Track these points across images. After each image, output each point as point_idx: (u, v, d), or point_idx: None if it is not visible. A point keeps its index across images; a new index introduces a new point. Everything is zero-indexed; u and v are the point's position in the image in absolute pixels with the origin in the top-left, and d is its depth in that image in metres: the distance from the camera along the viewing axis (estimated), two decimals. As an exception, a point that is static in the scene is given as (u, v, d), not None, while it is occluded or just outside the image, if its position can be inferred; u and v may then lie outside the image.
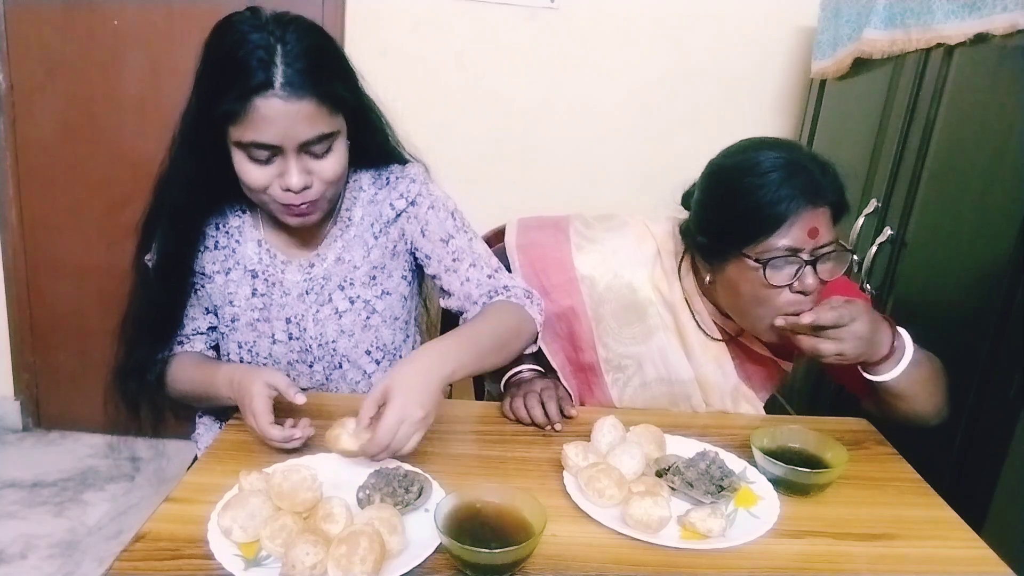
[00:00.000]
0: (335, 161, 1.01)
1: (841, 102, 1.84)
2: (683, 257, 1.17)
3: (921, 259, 1.39)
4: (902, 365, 0.99)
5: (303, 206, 1.02)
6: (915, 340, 1.02)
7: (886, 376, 1.00)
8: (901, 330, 1.02)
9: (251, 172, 0.98)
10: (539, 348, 1.18)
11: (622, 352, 1.18)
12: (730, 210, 1.04)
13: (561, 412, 1.08)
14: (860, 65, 1.67)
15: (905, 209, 1.43)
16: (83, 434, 2.47)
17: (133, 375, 1.11)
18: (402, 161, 1.19)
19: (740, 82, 2.13)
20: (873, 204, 1.54)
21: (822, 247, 1.00)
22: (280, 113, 0.93)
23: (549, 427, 1.06)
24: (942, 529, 0.88)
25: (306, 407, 0.96)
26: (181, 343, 1.15)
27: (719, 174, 1.08)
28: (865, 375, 1.02)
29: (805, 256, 0.99)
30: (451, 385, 1.45)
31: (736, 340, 1.18)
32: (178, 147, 1.04)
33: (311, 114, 0.95)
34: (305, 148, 0.97)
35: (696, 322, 1.17)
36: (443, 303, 1.21)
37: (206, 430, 1.25)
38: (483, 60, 2.14)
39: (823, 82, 1.93)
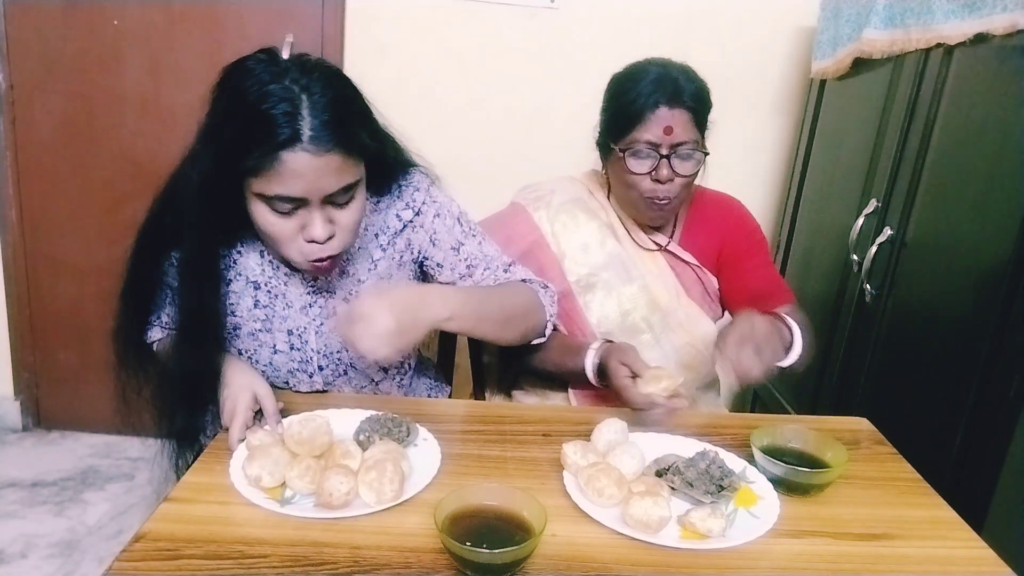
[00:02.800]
0: (356, 209, 1.00)
1: (841, 102, 1.84)
2: (609, 186, 1.36)
3: (921, 259, 1.39)
4: (795, 351, 1.10)
5: (326, 261, 1.00)
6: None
7: (791, 359, 1.11)
8: (787, 318, 1.12)
9: (274, 225, 0.96)
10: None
11: (589, 271, 1.33)
12: (610, 109, 1.28)
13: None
14: (860, 65, 1.67)
15: (905, 209, 1.43)
16: (83, 434, 2.46)
17: (188, 434, 1.12)
18: (408, 166, 1.16)
19: (740, 82, 2.13)
20: (873, 204, 1.54)
21: (679, 144, 1.19)
22: (308, 167, 0.90)
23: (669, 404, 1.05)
24: (942, 529, 0.88)
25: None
26: None
27: (612, 80, 1.30)
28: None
29: (663, 151, 1.20)
30: (450, 385, 1.46)
31: (667, 251, 1.34)
32: (190, 199, 0.99)
33: (338, 167, 0.93)
34: (329, 199, 0.95)
35: (630, 236, 1.34)
36: None
37: (215, 418, 1.25)
38: (483, 60, 2.14)
39: (823, 82, 1.93)
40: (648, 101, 1.19)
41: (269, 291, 1.12)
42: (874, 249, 1.48)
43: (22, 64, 2.15)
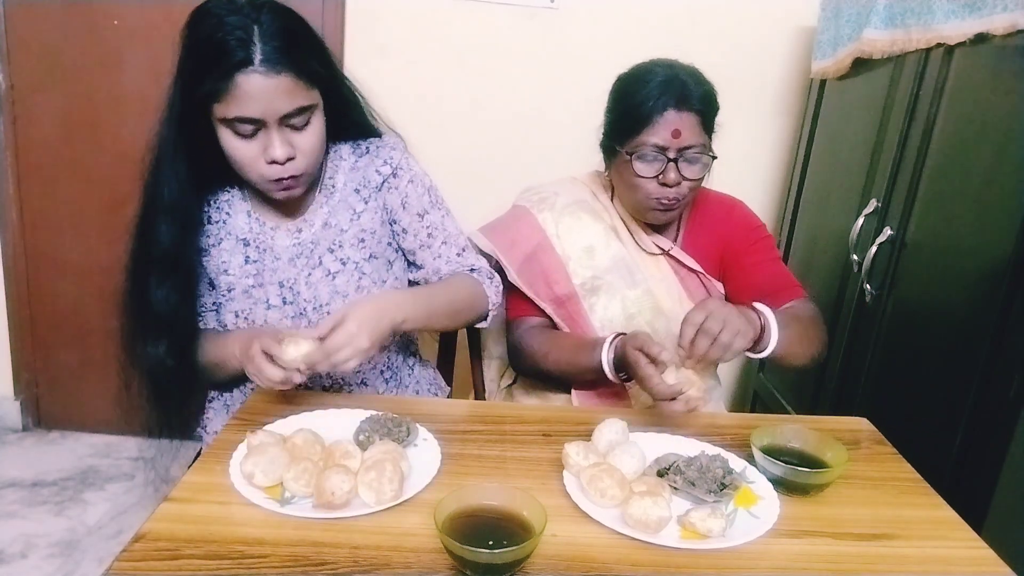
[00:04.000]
0: (313, 134, 1.07)
1: (841, 102, 1.84)
2: (612, 188, 1.35)
3: (921, 259, 1.39)
4: (773, 337, 1.08)
5: (289, 180, 1.07)
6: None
7: (767, 351, 1.09)
8: (759, 306, 1.10)
9: (238, 148, 1.03)
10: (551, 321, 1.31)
11: (593, 273, 1.31)
12: (616, 111, 1.27)
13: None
14: (860, 65, 1.67)
15: (905, 209, 1.43)
16: (83, 434, 2.47)
17: (163, 370, 1.12)
18: (378, 135, 1.24)
19: (740, 82, 2.12)
20: (873, 204, 1.54)
21: (686, 148, 1.18)
22: (260, 88, 0.99)
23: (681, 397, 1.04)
24: (942, 529, 0.88)
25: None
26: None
27: (617, 81, 1.28)
28: (750, 355, 1.11)
29: (670, 154, 1.18)
30: (451, 385, 1.46)
31: (670, 255, 1.33)
32: (164, 137, 1.07)
33: (290, 88, 1.01)
34: (286, 121, 1.03)
35: (634, 239, 1.33)
36: (411, 276, 1.28)
37: (215, 415, 1.26)
38: (483, 60, 2.14)
39: (823, 82, 1.93)
40: (656, 104, 1.17)
41: (257, 246, 1.17)
42: (874, 249, 1.48)
43: (22, 64, 2.15)
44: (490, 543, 0.72)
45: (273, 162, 1.03)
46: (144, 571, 0.73)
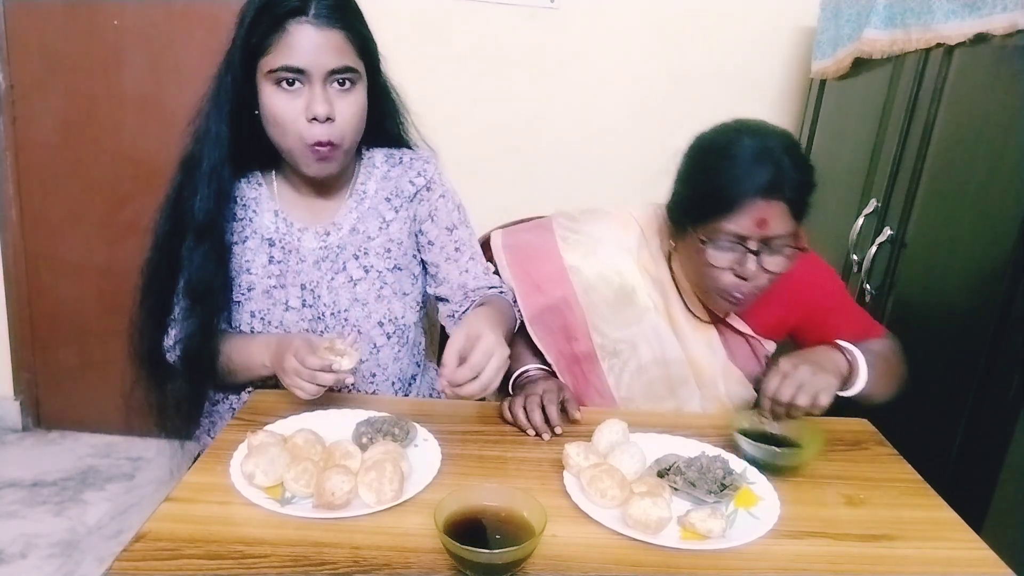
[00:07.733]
0: (355, 102, 1.07)
1: (841, 102, 1.84)
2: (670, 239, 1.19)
3: (921, 259, 1.38)
4: (861, 379, 1.03)
5: (327, 148, 1.05)
6: (905, 341, 1.05)
7: (853, 391, 1.04)
8: (846, 345, 1.06)
9: (279, 105, 1.03)
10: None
11: (616, 337, 1.20)
12: (693, 185, 1.09)
13: (566, 414, 1.07)
14: (860, 65, 1.67)
15: (905, 209, 1.43)
16: (83, 434, 2.47)
17: (191, 351, 1.12)
18: (410, 147, 1.25)
19: (740, 82, 2.12)
20: (873, 204, 1.54)
21: (771, 239, 1.02)
22: (311, 38, 1.01)
23: (547, 433, 1.04)
24: (942, 530, 0.88)
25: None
26: None
27: (697, 147, 1.12)
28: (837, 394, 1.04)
29: (751, 245, 1.02)
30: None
31: (723, 321, 1.20)
32: (212, 102, 1.09)
33: (339, 45, 1.03)
34: (331, 79, 1.03)
35: (684, 304, 1.19)
36: (431, 290, 1.27)
37: (219, 419, 1.25)
38: (483, 60, 2.14)
39: (823, 82, 1.93)
40: (742, 188, 0.99)
41: (283, 247, 1.17)
42: (874, 249, 1.48)
43: (22, 64, 2.15)
44: (490, 543, 0.72)
45: (314, 119, 1.03)
46: (144, 571, 0.73)
